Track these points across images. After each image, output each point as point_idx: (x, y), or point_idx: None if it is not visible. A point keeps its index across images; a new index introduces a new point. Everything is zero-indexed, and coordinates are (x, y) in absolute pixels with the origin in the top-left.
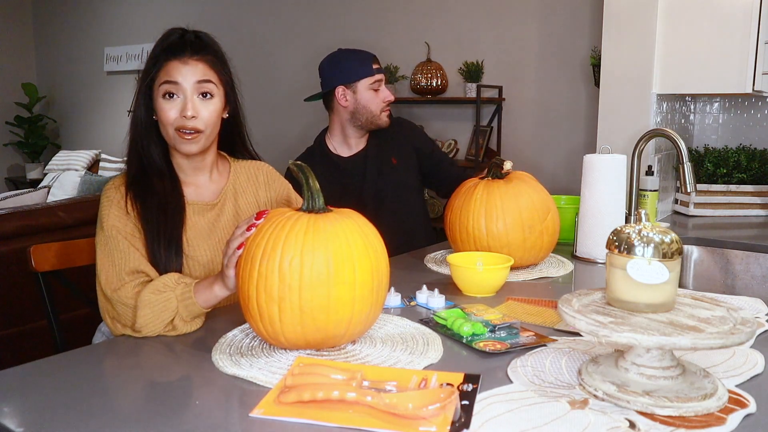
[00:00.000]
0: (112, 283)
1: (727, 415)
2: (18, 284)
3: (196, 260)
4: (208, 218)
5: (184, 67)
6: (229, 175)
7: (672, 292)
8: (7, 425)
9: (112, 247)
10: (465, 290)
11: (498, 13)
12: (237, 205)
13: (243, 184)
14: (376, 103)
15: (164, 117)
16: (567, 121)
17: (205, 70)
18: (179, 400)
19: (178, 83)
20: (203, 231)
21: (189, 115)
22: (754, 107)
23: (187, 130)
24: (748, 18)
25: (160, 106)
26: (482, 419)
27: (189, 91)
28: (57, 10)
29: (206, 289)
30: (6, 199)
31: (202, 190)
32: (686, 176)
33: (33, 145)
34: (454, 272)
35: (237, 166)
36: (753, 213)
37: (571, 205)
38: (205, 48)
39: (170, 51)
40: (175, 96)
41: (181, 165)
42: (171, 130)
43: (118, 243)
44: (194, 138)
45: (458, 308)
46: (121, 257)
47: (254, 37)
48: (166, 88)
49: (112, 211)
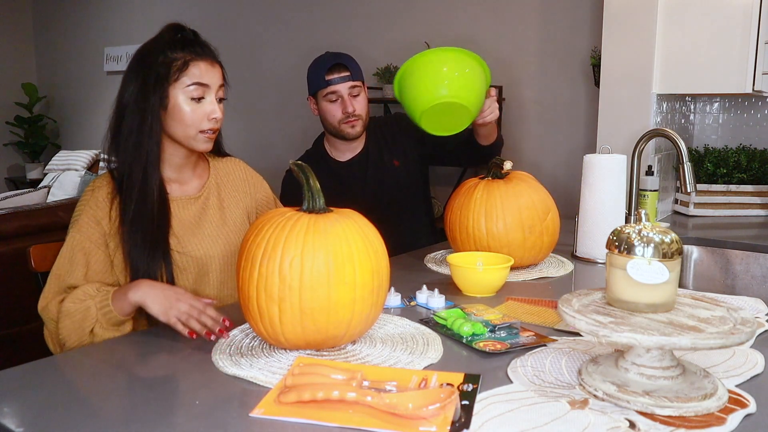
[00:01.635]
0: (44, 299)
1: (727, 415)
2: (18, 284)
3: (189, 255)
4: (193, 211)
5: (212, 69)
6: (209, 171)
7: (672, 292)
8: (7, 425)
9: (64, 258)
10: (465, 290)
11: (498, 13)
12: (221, 198)
13: (224, 179)
14: (332, 115)
15: (189, 118)
16: (567, 121)
17: (221, 73)
18: (179, 400)
19: (209, 86)
20: (190, 225)
21: (219, 117)
22: (754, 107)
23: (212, 130)
24: (748, 18)
25: (185, 107)
26: (482, 419)
27: (215, 94)
28: (57, 10)
29: (122, 296)
30: (6, 199)
31: (186, 185)
32: (686, 176)
33: (33, 145)
34: (454, 272)
35: (215, 162)
36: (753, 213)
37: None
38: (214, 50)
39: (190, 49)
40: (203, 99)
41: (170, 160)
42: (194, 131)
43: (74, 255)
44: (213, 137)
45: (458, 308)
46: (66, 270)
47: (255, 37)
48: (199, 91)
49: (82, 219)
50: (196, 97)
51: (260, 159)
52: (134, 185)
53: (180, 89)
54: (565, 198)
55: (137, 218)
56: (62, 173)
